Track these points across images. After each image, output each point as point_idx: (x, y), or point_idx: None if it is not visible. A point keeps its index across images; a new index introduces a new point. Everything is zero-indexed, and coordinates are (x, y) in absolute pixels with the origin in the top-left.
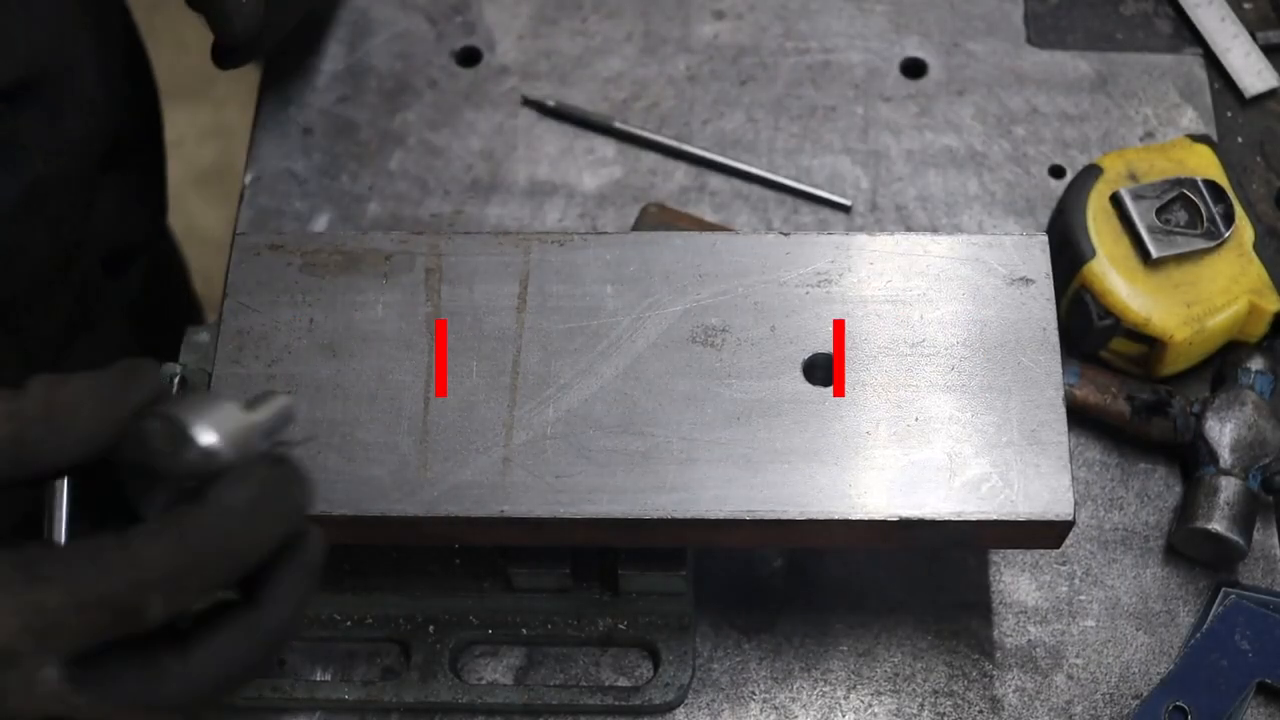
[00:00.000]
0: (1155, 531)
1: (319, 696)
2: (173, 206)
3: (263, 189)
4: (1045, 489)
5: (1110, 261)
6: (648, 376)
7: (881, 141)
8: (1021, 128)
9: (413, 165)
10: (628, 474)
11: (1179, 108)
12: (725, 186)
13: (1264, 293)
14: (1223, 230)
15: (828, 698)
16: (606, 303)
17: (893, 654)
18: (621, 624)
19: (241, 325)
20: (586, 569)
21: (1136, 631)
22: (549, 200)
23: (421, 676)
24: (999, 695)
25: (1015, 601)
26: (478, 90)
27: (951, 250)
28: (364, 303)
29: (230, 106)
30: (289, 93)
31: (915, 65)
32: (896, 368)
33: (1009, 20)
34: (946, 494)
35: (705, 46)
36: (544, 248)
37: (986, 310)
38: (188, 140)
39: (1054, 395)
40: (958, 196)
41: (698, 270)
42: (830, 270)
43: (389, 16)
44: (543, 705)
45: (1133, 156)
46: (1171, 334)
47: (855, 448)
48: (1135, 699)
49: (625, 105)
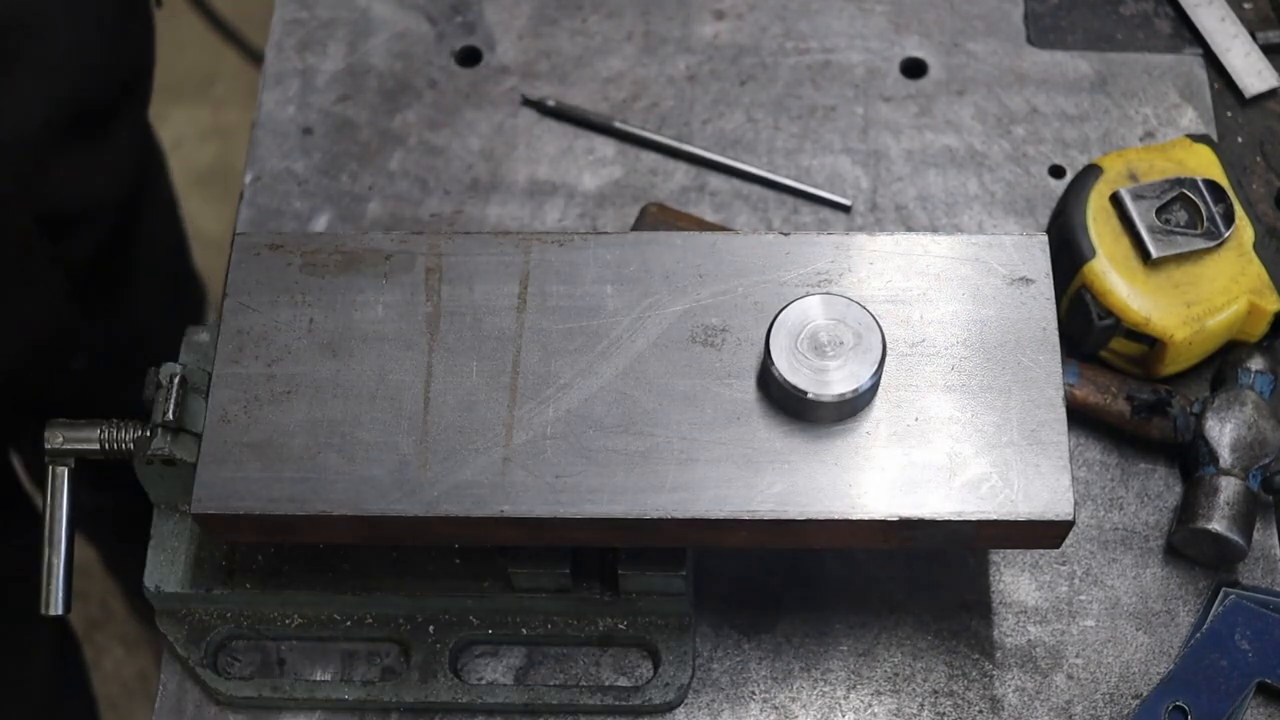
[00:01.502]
0: (1155, 531)
1: (319, 696)
2: None
3: (263, 189)
4: (1045, 489)
5: (1110, 261)
6: (648, 376)
7: (881, 141)
8: (1021, 128)
9: (413, 165)
10: (627, 474)
11: (1179, 108)
12: (725, 186)
13: (1264, 292)
14: (1223, 230)
15: (828, 698)
16: (606, 303)
17: (893, 654)
18: (621, 624)
19: (241, 325)
20: (586, 569)
21: (1136, 631)
22: (549, 200)
23: (421, 676)
24: (999, 695)
25: (1015, 601)
26: (478, 90)
27: (951, 250)
28: (364, 303)
29: (230, 106)
30: (289, 93)
31: (915, 65)
32: (896, 367)
33: (1009, 20)
34: (946, 494)
35: (705, 46)
36: (544, 247)
37: (986, 310)
38: (188, 140)
39: (1054, 395)
40: (958, 196)
41: (698, 270)
42: (830, 270)
43: (389, 16)
44: (543, 705)
45: (1133, 156)
46: (1171, 334)
47: (855, 448)
48: (1135, 699)
49: (625, 105)
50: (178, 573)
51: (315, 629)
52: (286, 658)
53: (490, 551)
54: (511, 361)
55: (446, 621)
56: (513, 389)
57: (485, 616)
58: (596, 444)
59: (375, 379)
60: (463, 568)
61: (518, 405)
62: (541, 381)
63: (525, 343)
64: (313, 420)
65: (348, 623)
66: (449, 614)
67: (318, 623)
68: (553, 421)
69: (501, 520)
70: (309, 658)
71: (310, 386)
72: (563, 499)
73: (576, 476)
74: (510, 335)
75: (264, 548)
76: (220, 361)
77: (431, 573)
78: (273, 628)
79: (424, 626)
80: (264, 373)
